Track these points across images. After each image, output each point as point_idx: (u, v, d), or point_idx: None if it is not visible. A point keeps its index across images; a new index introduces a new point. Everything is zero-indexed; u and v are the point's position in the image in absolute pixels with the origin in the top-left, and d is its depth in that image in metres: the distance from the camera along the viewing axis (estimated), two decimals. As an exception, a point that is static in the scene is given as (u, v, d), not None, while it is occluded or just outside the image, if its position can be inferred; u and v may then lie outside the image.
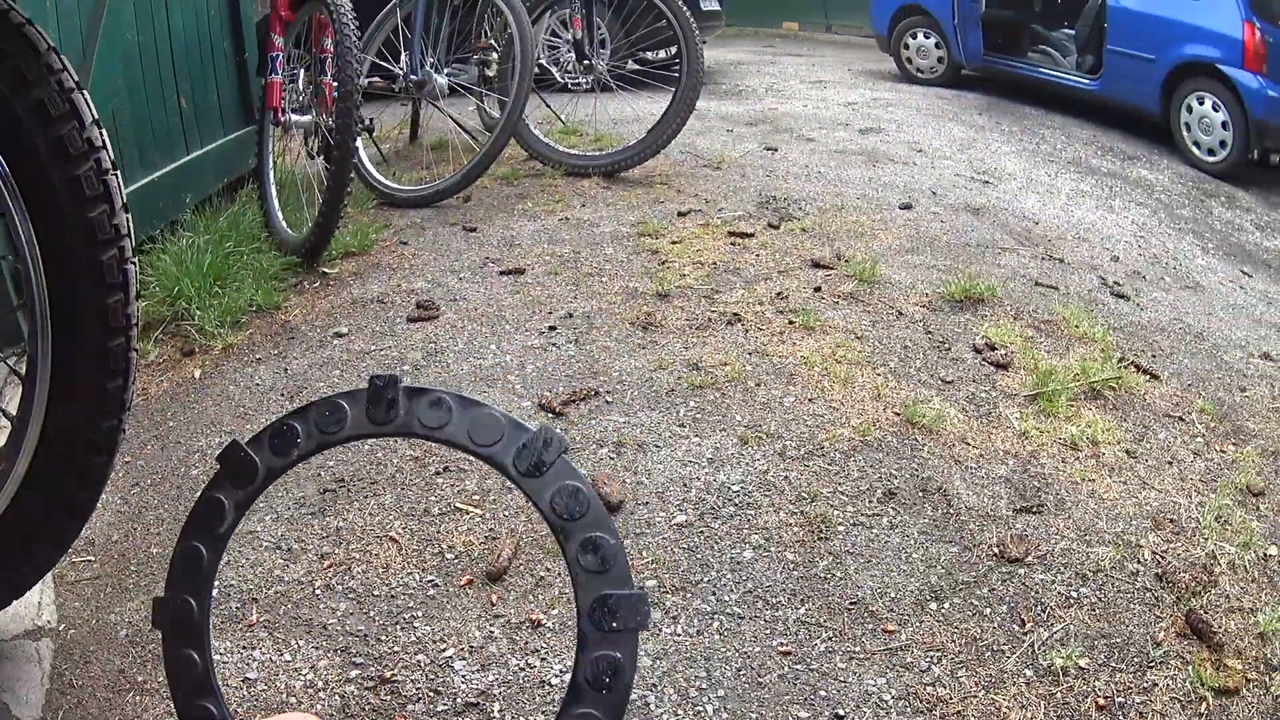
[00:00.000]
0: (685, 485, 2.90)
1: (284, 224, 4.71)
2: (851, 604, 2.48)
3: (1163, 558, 2.71)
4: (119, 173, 1.94)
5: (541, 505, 0.99)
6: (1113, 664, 2.34)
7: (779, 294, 4.15)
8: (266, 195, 4.82)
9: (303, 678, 2.26)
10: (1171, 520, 2.90)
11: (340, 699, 2.19)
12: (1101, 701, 2.23)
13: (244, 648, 2.34)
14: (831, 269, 4.44)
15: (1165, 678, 2.31)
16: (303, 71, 4.96)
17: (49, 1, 3.52)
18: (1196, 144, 8.34)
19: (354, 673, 2.27)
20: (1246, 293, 5.58)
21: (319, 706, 2.17)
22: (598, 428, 3.19)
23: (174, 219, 4.59)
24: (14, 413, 2.01)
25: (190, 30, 4.97)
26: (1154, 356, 4.05)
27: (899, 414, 3.28)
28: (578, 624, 0.97)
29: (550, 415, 3.25)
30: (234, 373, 3.61)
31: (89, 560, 2.69)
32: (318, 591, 2.50)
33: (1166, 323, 4.51)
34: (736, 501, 2.83)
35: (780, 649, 2.34)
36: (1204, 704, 2.25)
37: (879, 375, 3.53)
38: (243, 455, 1.05)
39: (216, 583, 2.52)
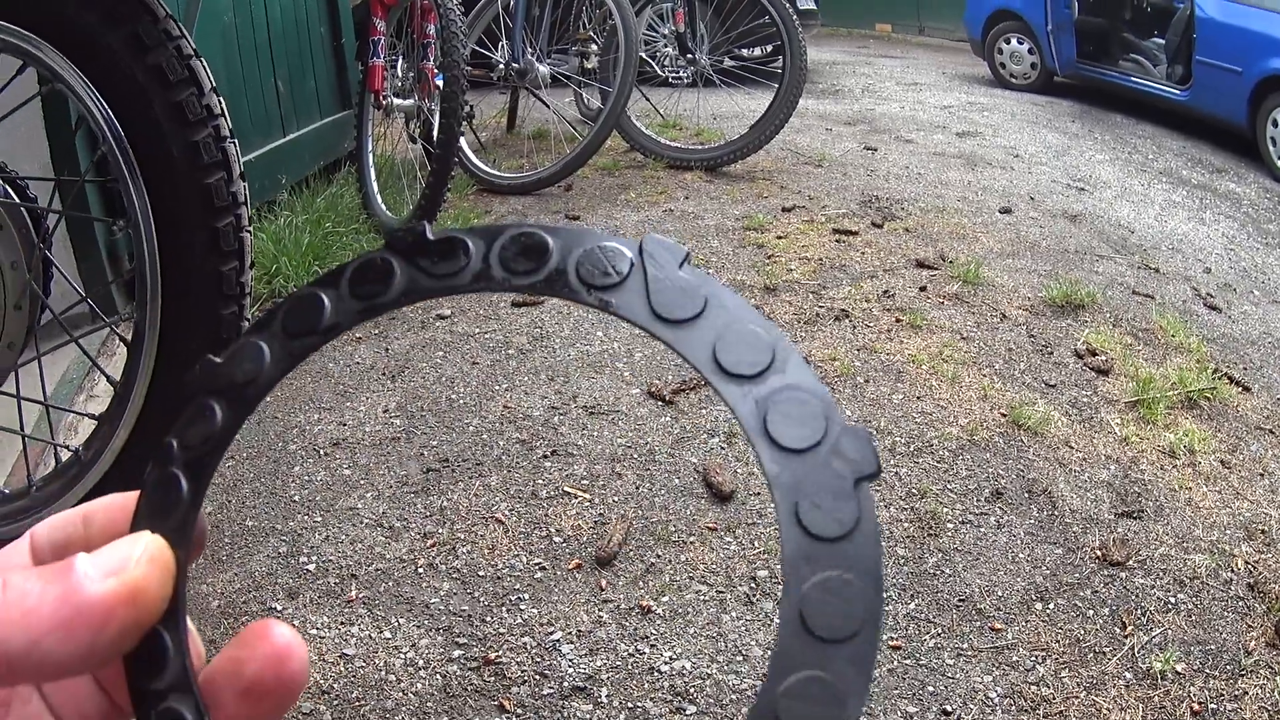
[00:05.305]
0: (797, 477, 2.87)
1: (383, 206, 4.75)
2: (960, 601, 2.46)
3: (1254, 568, 2.72)
4: (236, 141, 1.93)
5: None
6: (1206, 670, 2.33)
7: (885, 292, 4.15)
8: (365, 178, 4.87)
9: (402, 655, 2.24)
10: (1263, 531, 2.90)
11: (441, 679, 2.18)
12: (1196, 707, 2.22)
13: (342, 624, 2.33)
14: (935, 269, 4.44)
15: (1255, 686, 2.30)
16: (402, 57, 4.99)
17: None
18: (1282, 158, 8.15)
19: (457, 653, 2.25)
20: (1331, 311, 5.50)
21: (419, 686, 2.16)
22: (708, 417, 3.18)
23: (270, 199, 4.64)
24: (118, 378, 2.01)
25: (287, 15, 5.03)
26: (1245, 369, 4.05)
27: (1005, 415, 3.26)
28: None
29: (660, 404, 3.25)
30: (333, 350, 3.62)
31: (181, 531, 2.69)
32: (420, 570, 2.50)
33: (1256, 336, 4.51)
34: (848, 495, 2.80)
35: (890, 643, 2.32)
36: (1289, 715, 2.25)
37: (985, 376, 3.51)
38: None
39: (314, 556, 2.52)
